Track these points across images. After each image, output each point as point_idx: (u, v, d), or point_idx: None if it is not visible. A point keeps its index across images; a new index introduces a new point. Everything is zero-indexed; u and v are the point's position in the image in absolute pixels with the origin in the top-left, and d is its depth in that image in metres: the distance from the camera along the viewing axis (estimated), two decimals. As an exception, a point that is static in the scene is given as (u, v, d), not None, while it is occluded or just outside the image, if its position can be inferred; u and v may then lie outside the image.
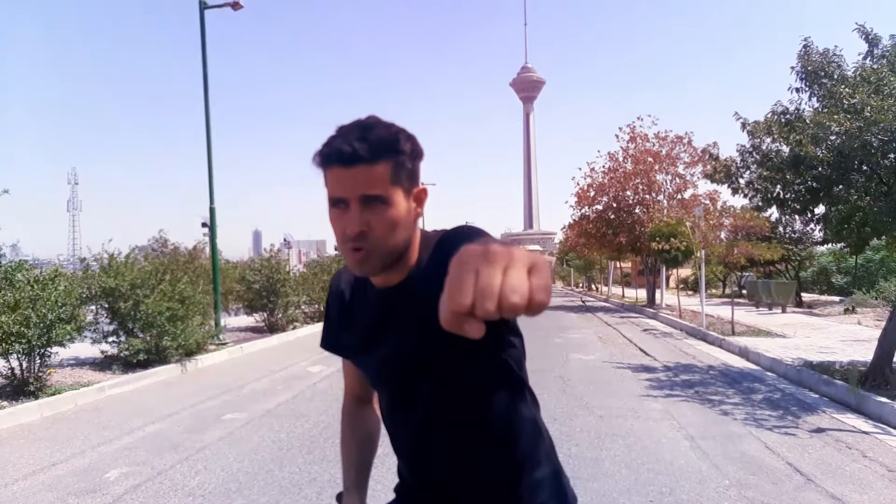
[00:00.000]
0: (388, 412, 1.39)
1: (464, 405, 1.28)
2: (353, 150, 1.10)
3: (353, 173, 1.11)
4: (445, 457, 1.31)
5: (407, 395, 1.31)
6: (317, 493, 4.35)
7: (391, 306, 1.27)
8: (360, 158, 1.10)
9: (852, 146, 6.80)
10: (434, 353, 1.22)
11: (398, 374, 1.29)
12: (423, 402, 1.28)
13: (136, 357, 9.31)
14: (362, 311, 1.33)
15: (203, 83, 13.07)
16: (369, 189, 1.12)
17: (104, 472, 4.96)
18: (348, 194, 1.12)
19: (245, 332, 14.90)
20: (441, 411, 1.28)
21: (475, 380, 1.26)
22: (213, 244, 13.65)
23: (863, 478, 4.56)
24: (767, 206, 9.00)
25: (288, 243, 27.83)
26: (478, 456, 1.29)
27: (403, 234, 1.19)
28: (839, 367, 8.34)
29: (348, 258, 1.17)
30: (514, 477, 1.31)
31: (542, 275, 0.64)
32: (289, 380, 8.95)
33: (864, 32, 7.15)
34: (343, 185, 1.12)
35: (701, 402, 7.11)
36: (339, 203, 1.14)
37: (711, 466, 4.82)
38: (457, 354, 1.21)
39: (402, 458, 1.42)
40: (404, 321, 1.24)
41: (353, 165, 1.10)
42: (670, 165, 23.29)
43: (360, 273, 1.21)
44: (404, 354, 1.26)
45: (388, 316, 1.27)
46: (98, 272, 9.65)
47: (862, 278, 23.78)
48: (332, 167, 1.12)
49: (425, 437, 1.32)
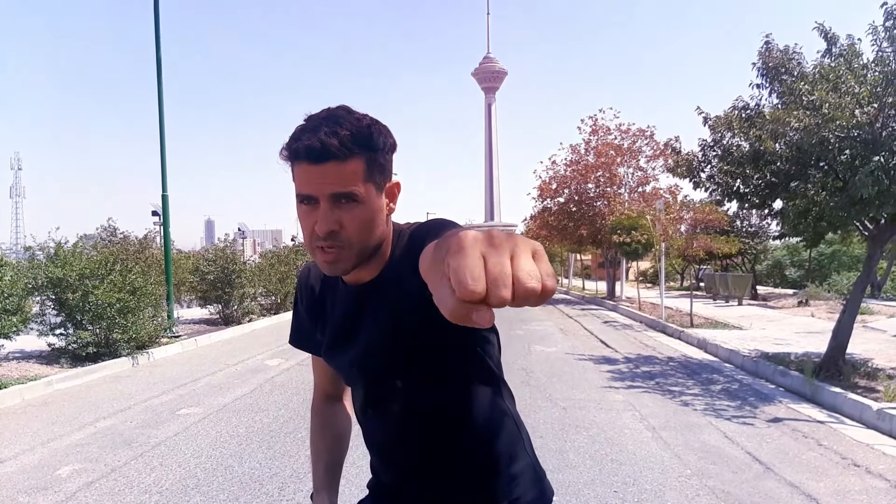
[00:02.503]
0: (362, 408, 1.35)
1: (439, 400, 1.25)
2: (322, 146, 1.03)
3: (323, 170, 1.04)
4: (421, 452, 1.28)
5: (382, 391, 1.27)
6: (278, 488, 4.25)
7: (364, 303, 1.22)
8: (331, 155, 1.03)
9: (810, 142, 6.92)
10: (408, 347, 1.18)
11: (373, 369, 1.25)
12: (399, 397, 1.25)
13: (85, 350, 9.01)
14: (333, 307, 1.29)
15: (156, 66, 12.63)
16: (340, 187, 1.05)
17: (55, 468, 4.77)
18: (318, 192, 1.06)
19: (199, 325, 14.56)
20: (416, 406, 1.25)
21: (451, 374, 1.24)
22: (167, 233, 13.27)
23: (819, 466, 4.66)
24: (727, 200, 9.13)
25: (242, 233, 27.27)
26: (454, 450, 1.27)
27: (376, 231, 1.13)
28: (794, 358, 8.54)
29: (318, 258, 1.12)
30: (490, 471, 1.28)
31: (546, 261, 0.62)
32: (246, 373, 8.76)
33: (822, 31, 7.28)
34: (312, 183, 1.06)
35: (662, 393, 7.19)
36: (307, 200, 1.08)
37: (673, 456, 4.87)
38: (431, 348, 1.18)
39: (376, 454, 1.38)
40: (378, 317, 1.20)
41: (322, 162, 1.04)
42: (632, 159, 23.55)
43: (331, 273, 1.16)
44: (379, 350, 1.21)
45: (362, 312, 1.23)
46: (44, 262, 9.30)
47: (814, 272, 24.50)
48: (301, 163, 1.06)
49: (400, 433, 1.29)
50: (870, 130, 6.71)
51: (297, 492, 4.18)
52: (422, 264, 0.76)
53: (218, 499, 4.09)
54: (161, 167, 12.71)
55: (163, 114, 12.65)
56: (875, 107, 6.67)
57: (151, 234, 15.08)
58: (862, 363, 7.83)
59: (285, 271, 18.35)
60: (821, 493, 4.09)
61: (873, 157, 6.46)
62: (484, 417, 1.28)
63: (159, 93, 12.63)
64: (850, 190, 6.64)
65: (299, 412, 6.35)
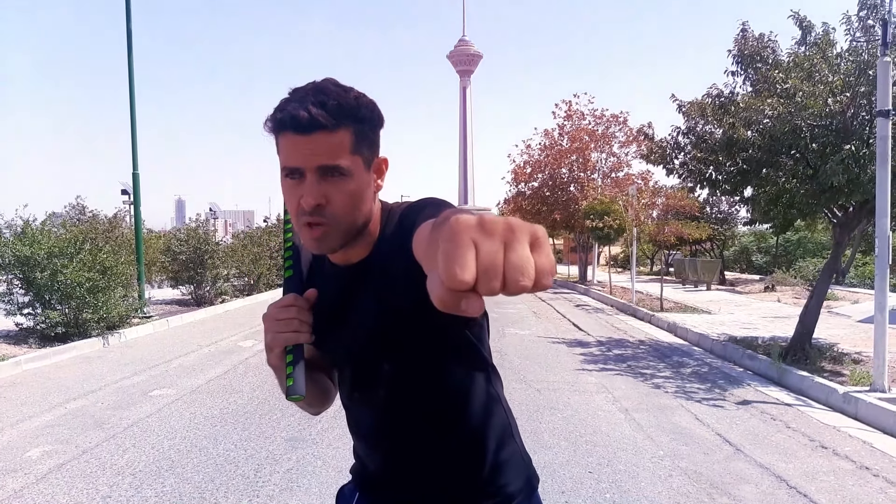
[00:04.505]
0: (349, 392, 1.31)
1: (428, 383, 1.22)
2: (310, 115, 1.00)
3: (310, 141, 1.01)
4: (408, 438, 1.26)
5: (370, 375, 1.24)
6: (254, 470, 4.23)
7: (353, 284, 1.19)
8: (318, 125, 1.00)
9: (783, 130, 7.03)
10: (399, 331, 1.15)
11: (361, 353, 1.22)
12: (387, 381, 1.22)
13: (53, 330, 8.86)
14: (321, 290, 1.22)
15: (127, 41, 12.32)
16: (328, 159, 1.02)
17: (25, 450, 4.70)
18: (304, 164, 1.02)
19: (171, 305, 14.38)
20: (405, 390, 1.22)
21: (440, 358, 1.21)
22: (137, 212, 13.03)
23: (788, 447, 4.79)
24: (700, 187, 9.25)
25: (214, 213, 26.82)
26: (442, 437, 1.25)
27: (364, 207, 1.10)
28: (762, 342, 8.74)
29: (304, 234, 1.08)
30: (479, 458, 1.26)
31: (546, 252, 0.57)
32: (219, 354, 8.69)
33: (798, 19, 7.37)
34: (298, 155, 1.02)
35: (634, 375, 7.30)
36: (293, 174, 1.04)
37: (646, 438, 4.96)
38: (422, 332, 1.15)
39: (361, 440, 1.35)
40: (367, 299, 1.17)
41: (309, 133, 1.01)
42: (605, 144, 23.71)
43: (317, 251, 1.13)
44: (368, 333, 1.18)
45: (350, 294, 1.20)
46: (11, 240, 9.07)
47: (781, 257, 25.02)
48: (287, 134, 1.02)
49: (388, 419, 1.26)
50: (841, 119, 6.84)
51: (273, 473, 4.17)
52: (416, 247, 0.74)
53: (192, 480, 4.06)
54: (132, 145, 12.44)
55: (133, 91, 12.38)
56: (847, 96, 6.79)
57: (121, 213, 14.79)
58: (828, 348, 8.03)
59: (258, 252, 18.16)
60: (790, 474, 4.20)
61: (844, 145, 6.59)
62: (474, 403, 1.26)
63: (129, 70, 12.34)
64: (821, 178, 6.77)
65: (274, 393, 6.32)
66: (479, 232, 0.56)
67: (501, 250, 0.55)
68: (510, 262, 0.54)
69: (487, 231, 0.56)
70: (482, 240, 0.55)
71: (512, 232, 0.56)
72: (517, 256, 0.55)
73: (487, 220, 0.57)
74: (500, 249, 0.55)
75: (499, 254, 0.55)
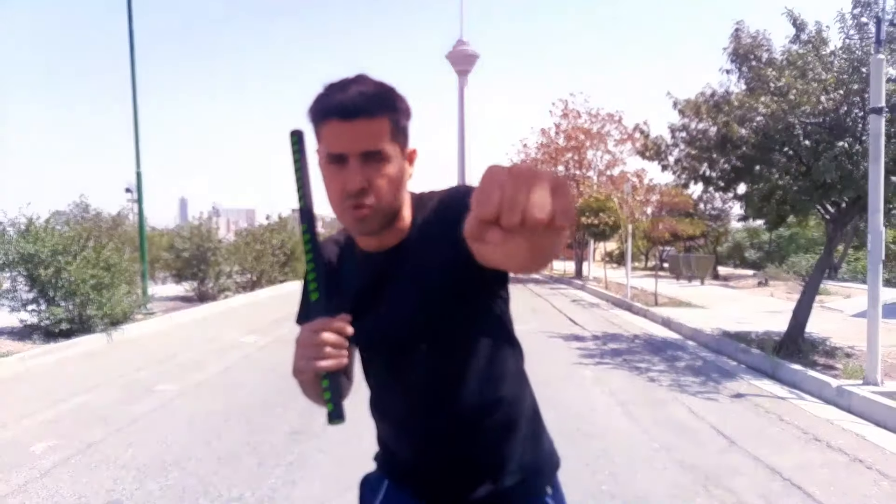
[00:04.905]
0: (381, 377, 1.34)
1: (464, 363, 1.26)
2: (353, 102, 1.08)
3: (354, 127, 1.08)
4: (443, 418, 1.27)
5: (407, 357, 1.27)
6: (257, 463, 4.30)
7: (387, 270, 1.24)
8: (362, 112, 1.08)
9: (776, 127, 7.12)
10: (436, 314, 1.21)
11: (400, 335, 1.25)
12: (424, 362, 1.25)
13: (58, 326, 8.89)
14: (351, 279, 1.29)
15: (129, 40, 12.38)
16: (370, 145, 1.10)
17: (30, 445, 4.74)
18: (348, 149, 1.09)
19: (174, 302, 14.40)
20: (442, 370, 1.26)
21: (476, 340, 1.26)
22: (141, 210, 13.16)
23: (782, 440, 4.88)
24: (694, 183, 9.36)
25: (217, 211, 26.89)
26: (476, 414, 1.27)
27: (400, 192, 1.18)
28: (755, 336, 8.84)
29: (348, 216, 1.14)
30: (511, 436, 1.29)
31: (564, 195, 0.67)
32: (222, 350, 8.76)
33: (792, 17, 7.45)
34: (343, 140, 1.09)
35: (629, 369, 7.40)
36: (337, 159, 1.11)
37: (641, 430, 5.05)
38: (459, 315, 1.22)
39: (391, 427, 1.36)
40: (404, 283, 1.22)
41: (353, 119, 1.08)
42: (601, 143, 23.81)
43: (361, 231, 1.19)
44: (406, 317, 1.23)
45: (385, 280, 1.25)
46: (15, 237, 9.14)
47: (773, 253, 25.14)
48: (331, 121, 1.09)
49: (423, 399, 1.28)
50: (835, 117, 6.93)
51: (275, 466, 4.23)
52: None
53: (196, 474, 4.11)
54: (135, 144, 12.53)
55: (136, 90, 12.47)
56: (841, 93, 6.88)
57: (124, 211, 14.88)
58: (820, 342, 8.14)
59: (261, 249, 18.23)
60: (784, 467, 4.26)
61: (837, 142, 6.68)
62: (508, 382, 1.30)
63: (132, 68, 12.42)
64: (814, 175, 6.86)
65: (276, 388, 6.40)
66: (507, 175, 0.66)
67: (524, 190, 0.65)
68: (530, 199, 0.64)
69: (513, 175, 0.66)
70: (509, 181, 0.65)
71: (535, 177, 0.66)
72: (537, 196, 0.65)
73: (515, 167, 0.67)
74: (522, 188, 0.65)
75: (520, 191, 0.64)
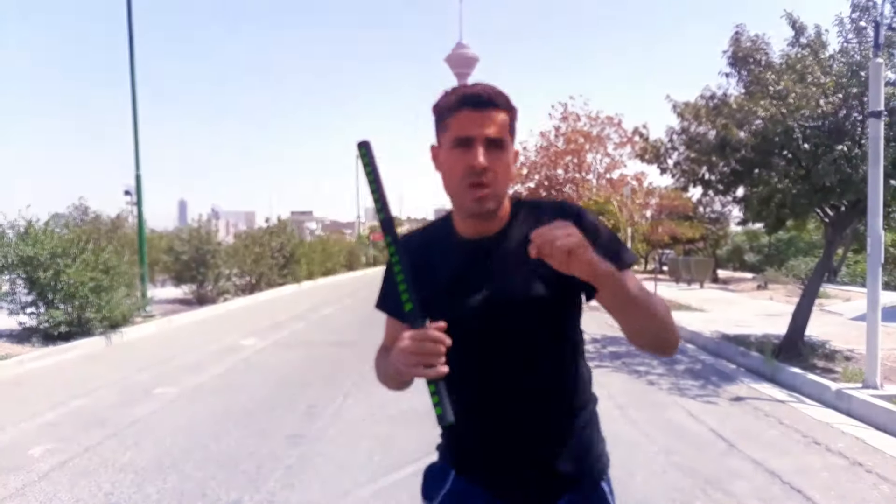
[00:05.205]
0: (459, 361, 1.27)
1: (548, 352, 1.35)
2: (485, 95, 1.26)
3: (483, 116, 1.25)
4: (518, 407, 1.34)
5: (493, 340, 1.33)
6: (256, 467, 4.28)
7: (489, 256, 1.34)
8: (490, 104, 1.26)
9: (775, 131, 7.11)
10: (536, 301, 1.30)
11: (496, 315, 1.31)
12: (513, 346, 1.33)
13: (57, 329, 8.91)
14: (447, 262, 1.37)
15: (128, 43, 12.40)
16: (495, 132, 1.26)
17: (28, 448, 4.73)
18: (477, 134, 1.24)
19: (173, 304, 14.41)
20: (522, 355, 1.33)
21: (564, 335, 1.37)
22: (140, 213, 13.16)
23: (781, 444, 4.85)
24: (693, 186, 9.36)
25: (216, 214, 26.89)
26: (550, 404, 1.36)
27: (509, 182, 1.33)
28: (754, 339, 8.83)
29: (468, 195, 1.27)
30: (577, 428, 1.39)
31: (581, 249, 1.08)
32: (221, 353, 8.76)
33: (791, 20, 7.45)
34: (472, 126, 1.25)
35: (628, 372, 7.39)
36: (464, 143, 1.25)
37: (641, 434, 5.03)
38: (554, 306, 1.32)
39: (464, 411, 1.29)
40: (507, 269, 1.31)
41: (483, 109, 1.25)
42: (600, 146, 23.83)
43: (481, 208, 1.29)
44: (508, 300, 1.31)
45: (486, 265, 1.33)
46: (14, 240, 9.14)
47: (773, 256, 25.10)
48: (464, 110, 1.26)
49: (500, 383, 1.34)
50: (834, 120, 6.93)
51: (274, 470, 4.21)
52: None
53: (194, 477, 4.09)
54: (134, 147, 12.53)
55: (135, 93, 12.50)
56: (840, 97, 6.88)
57: (124, 213, 14.88)
58: (820, 345, 8.13)
59: (260, 252, 18.23)
60: (784, 470, 4.23)
61: (836, 146, 6.68)
62: (579, 376, 1.41)
63: (131, 71, 12.45)
64: (813, 178, 6.85)
65: (275, 391, 6.40)
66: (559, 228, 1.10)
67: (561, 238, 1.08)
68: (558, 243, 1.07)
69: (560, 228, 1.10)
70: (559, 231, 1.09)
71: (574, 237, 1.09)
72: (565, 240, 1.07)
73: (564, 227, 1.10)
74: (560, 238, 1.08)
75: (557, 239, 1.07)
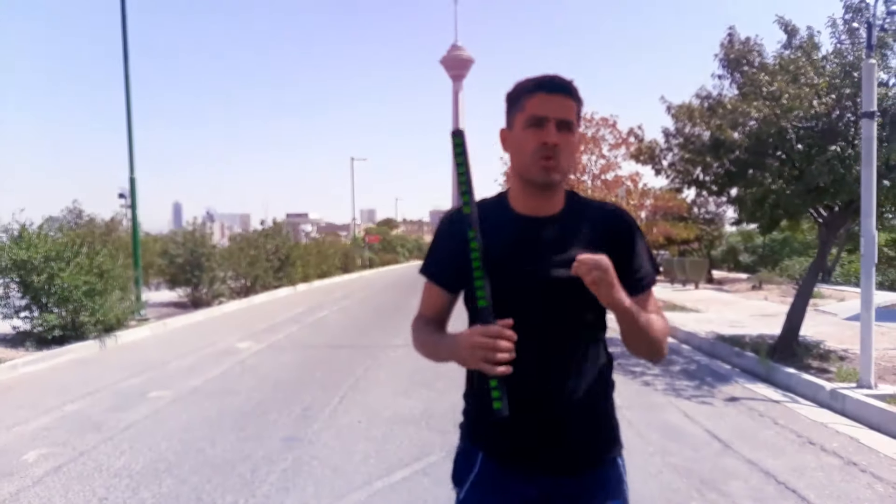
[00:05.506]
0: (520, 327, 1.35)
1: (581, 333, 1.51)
2: (559, 81, 1.43)
3: (557, 100, 1.41)
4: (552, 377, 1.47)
5: (560, 303, 1.46)
6: (251, 470, 4.27)
7: (544, 231, 1.48)
8: (564, 90, 1.43)
9: (769, 132, 7.14)
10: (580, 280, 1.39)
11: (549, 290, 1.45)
12: (553, 321, 1.46)
13: (51, 333, 8.86)
14: (499, 237, 1.47)
15: (122, 45, 12.37)
16: (566, 114, 1.42)
17: (21, 453, 4.71)
18: (551, 114, 1.40)
19: (168, 308, 14.36)
20: (563, 332, 1.48)
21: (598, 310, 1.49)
22: (135, 216, 13.09)
23: (776, 443, 4.87)
24: (687, 187, 9.39)
25: (211, 216, 26.86)
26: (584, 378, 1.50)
27: (573, 162, 1.50)
28: (749, 339, 8.85)
29: (538, 166, 1.42)
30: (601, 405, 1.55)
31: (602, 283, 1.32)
32: (216, 356, 8.73)
33: (783, 23, 7.49)
34: (547, 107, 1.40)
35: (624, 373, 7.39)
36: (539, 122, 1.40)
37: (636, 435, 5.03)
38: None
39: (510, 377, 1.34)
40: (567, 243, 1.46)
41: (557, 93, 1.42)
42: (595, 147, 23.81)
43: (547, 177, 1.43)
44: (556, 274, 1.44)
45: (540, 239, 1.48)
46: (8, 244, 9.10)
47: (767, 257, 25.20)
48: (539, 93, 1.41)
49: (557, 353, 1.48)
50: (827, 121, 6.96)
51: (269, 473, 4.20)
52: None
53: (189, 481, 4.09)
54: (129, 149, 12.50)
55: (129, 93, 12.44)
56: (833, 98, 6.91)
57: (118, 216, 14.83)
58: (814, 345, 8.14)
59: (255, 255, 18.17)
60: (779, 470, 4.26)
61: (830, 146, 6.70)
62: (605, 361, 1.56)
63: (126, 74, 12.41)
64: (807, 178, 6.88)
65: (270, 394, 6.39)
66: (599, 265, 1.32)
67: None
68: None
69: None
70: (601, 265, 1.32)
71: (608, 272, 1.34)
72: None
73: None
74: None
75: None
